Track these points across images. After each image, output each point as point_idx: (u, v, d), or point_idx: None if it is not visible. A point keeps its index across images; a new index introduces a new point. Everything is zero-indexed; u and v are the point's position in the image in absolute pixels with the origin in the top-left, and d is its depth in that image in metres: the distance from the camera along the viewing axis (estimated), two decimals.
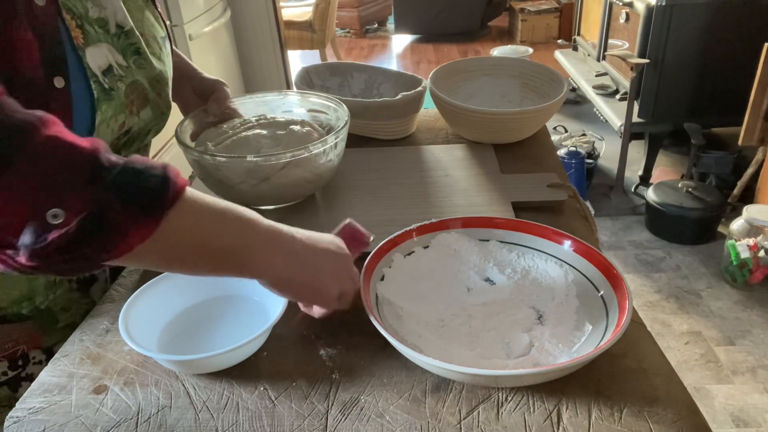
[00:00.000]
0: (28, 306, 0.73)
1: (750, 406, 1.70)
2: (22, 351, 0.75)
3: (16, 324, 0.73)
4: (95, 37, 0.67)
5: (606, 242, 2.47)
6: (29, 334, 0.75)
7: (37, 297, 0.74)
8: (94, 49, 0.67)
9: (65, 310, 0.77)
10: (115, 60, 0.70)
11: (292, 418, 0.56)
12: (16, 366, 0.75)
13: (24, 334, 0.74)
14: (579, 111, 3.67)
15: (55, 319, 0.76)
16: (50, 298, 0.75)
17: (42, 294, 0.74)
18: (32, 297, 0.73)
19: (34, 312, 0.74)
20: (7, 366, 0.74)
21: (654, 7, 2.43)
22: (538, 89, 1.13)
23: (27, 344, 0.75)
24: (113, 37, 0.70)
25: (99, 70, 0.67)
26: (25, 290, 0.72)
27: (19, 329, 0.74)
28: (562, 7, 5.03)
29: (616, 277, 0.63)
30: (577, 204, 0.89)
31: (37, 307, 0.74)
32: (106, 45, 0.68)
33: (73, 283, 0.77)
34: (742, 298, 2.12)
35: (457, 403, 0.57)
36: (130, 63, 0.72)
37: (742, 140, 2.31)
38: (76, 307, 0.79)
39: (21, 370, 0.75)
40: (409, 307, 0.66)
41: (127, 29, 0.72)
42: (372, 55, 5.28)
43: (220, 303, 0.70)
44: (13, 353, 0.74)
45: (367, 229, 0.67)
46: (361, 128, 1.11)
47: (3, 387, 0.75)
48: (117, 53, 0.70)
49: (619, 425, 0.53)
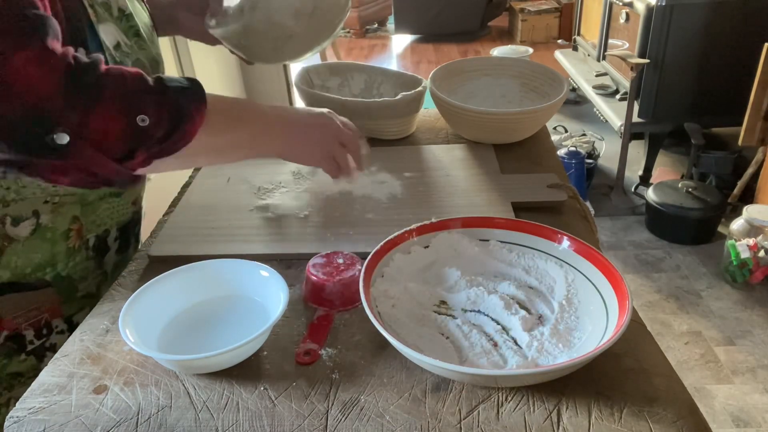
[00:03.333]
0: (51, 272, 0.78)
1: (750, 406, 1.70)
2: (46, 320, 0.79)
3: (39, 291, 0.77)
4: (104, 17, 0.73)
5: (606, 242, 2.47)
6: (51, 302, 0.79)
7: (59, 263, 0.78)
8: (104, 26, 0.73)
9: (83, 279, 0.82)
10: (121, 39, 0.75)
11: (292, 418, 0.56)
12: (41, 335, 0.79)
13: (46, 301, 0.78)
14: (579, 111, 3.67)
15: (74, 288, 0.81)
16: (70, 265, 0.79)
17: (63, 260, 0.78)
18: (54, 263, 0.78)
19: (56, 279, 0.78)
20: (33, 334, 0.78)
21: (654, 7, 2.43)
22: (538, 89, 1.13)
23: (49, 312, 0.79)
24: (117, 19, 0.76)
25: (111, 45, 0.73)
26: (47, 256, 0.77)
27: (42, 296, 0.78)
28: (562, 7, 5.03)
29: (616, 277, 0.63)
30: (577, 204, 0.89)
31: (59, 273, 0.79)
32: (113, 25, 0.74)
33: (89, 251, 0.82)
34: (742, 298, 2.12)
35: (457, 403, 0.57)
36: (132, 43, 0.77)
37: (742, 140, 2.31)
38: (92, 276, 0.83)
39: (45, 339, 0.79)
40: (404, 299, 0.67)
41: (127, 13, 0.78)
42: (372, 55, 5.28)
43: (220, 303, 0.70)
44: (38, 321, 0.78)
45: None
46: (361, 128, 1.10)
47: (30, 357, 0.79)
48: (122, 33, 0.76)
49: (619, 425, 0.53)
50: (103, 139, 0.58)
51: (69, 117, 0.55)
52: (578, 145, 2.85)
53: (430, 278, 0.72)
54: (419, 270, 0.72)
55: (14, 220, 0.73)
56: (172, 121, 0.61)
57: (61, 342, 0.71)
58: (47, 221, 0.75)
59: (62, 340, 0.78)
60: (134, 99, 0.59)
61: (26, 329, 0.78)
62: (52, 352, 0.80)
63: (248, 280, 0.70)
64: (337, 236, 0.82)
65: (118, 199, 0.84)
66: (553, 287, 0.69)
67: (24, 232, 0.74)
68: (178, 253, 0.80)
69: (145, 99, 0.60)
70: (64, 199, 0.76)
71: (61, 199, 0.76)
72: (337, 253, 0.73)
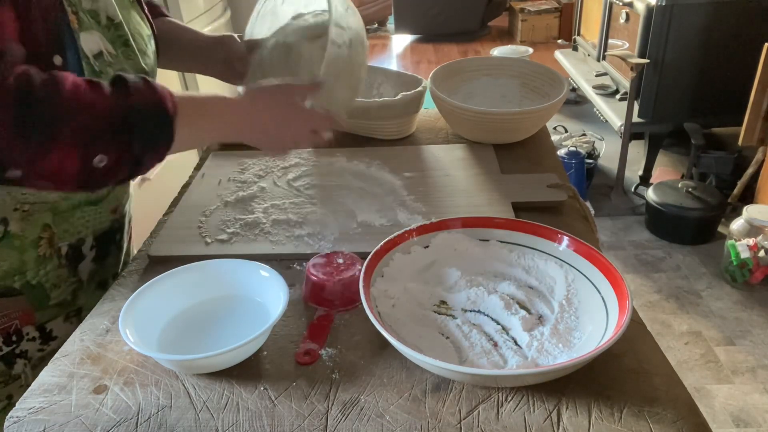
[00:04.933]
0: (20, 280, 0.75)
1: (750, 406, 1.70)
2: (16, 327, 0.77)
3: (9, 299, 0.75)
4: (88, 25, 0.71)
5: (606, 242, 2.47)
6: (22, 310, 0.77)
7: (29, 271, 0.76)
8: (87, 34, 0.70)
9: (56, 287, 0.79)
10: (106, 48, 0.73)
11: (292, 418, 0.56)
12: (11, 342, 0.77)
13: (17, 309, 0.76)
14: (579, 111, 3.67)
15: (46, 296, 0.78)
16: (41, 273, 0.77)
17: (33, 269, 0.76)
18: (24, 271, 0.75)
19: (26, 287, 0.76)
20: (1, 341, 0.76)
21: (654, 7, 2.43)
22: (538, 89, 1.13)
23: (20, 320, 0.77)
24: (104, 27, 0.73)
25: (91, 53, 0.70)
26: (15, 263, 0.74)
27: (12, 304, 0.76)
28: (562, 7, 5.03)
29: (616, 277, 0.63)
30: (577, 204, 0.89)
31: (29, 282, 0.76)
32: (97, 33, 0.72)
33: (62, 259, 0.79)
34: (742, 298, 2.12)
35: (457, 403, 0.57)
36: (119, 53, 0.75)
37: (742, 140, 2.31)
38: (66, 284, 0.80)
39: (15, 346, 0.77)
40: (404, 299, 0.67)
41: (117, 22, 0.75)
42: (372, 55, 5.28)
43: (220, 303, 0.70)
44: (7, 328, 0.76)
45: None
46: (361, 128, 1.11)
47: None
48: (107, 42, 0.73)
49: (619, 425, 0.53)
50: (57, 176, 0.57)
51: (19, 160, 0.55)
52: (578, 145, 2.85)
53: (430, 278, 0.72)
54: (419, 270, 0.72)
55: None
56: (133, 164, 0.61)
57: (32, 349, 0.71)
58: (16, 229, 0.73)
59: (33, 347, 0.78)
60: (93, 138, 0.58)
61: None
62: (22, 359, 0.78)
63: (248, 280, 0.70)
64: (337, 236, 0.82)
65: (94, 207, 0.81)
66: (553, 287, 0.69)
67: None
68: (178, 253, 0.80)
69: (104, 138, 0.58)
70: (34, 208, 0.74)
71: (32, 207, 0.73)
72: (337, 253, 0.73)
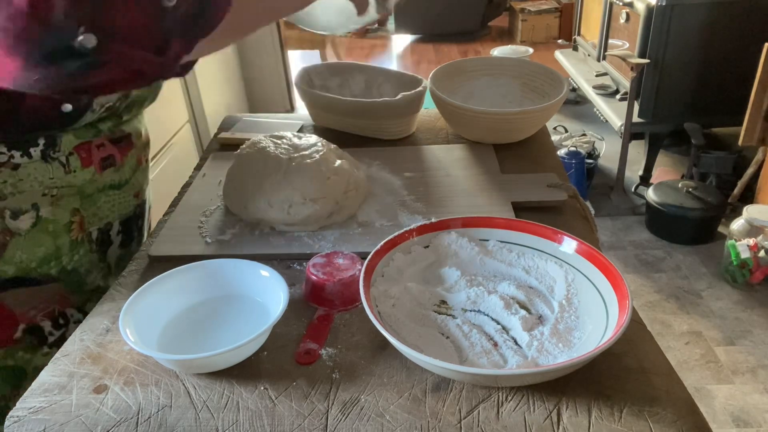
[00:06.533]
0: (56, 266, 0.77)
1: (750, 406, 1.70)
2: (58, 310, 0.79)
3: (46, 286, 0.77)
4: None
5: (606, 242, 2.47)
6: (60, 295, 0.79)
7: (64, 257, 0.78)
8: None
9: (89, 272, 0.82)
10: None
11: (292, 418, 0.56)
12: (59, 325, 0.79)
13: (55, 295, 0.78)
14: (579, 111, 3.68)
15: (81, 281, 0.81)
16: (75, 258, 0.79)
17: (67, 254, 0.78)
18: (59, 257, 0.77)
19: (62, 273, 0.78)
20: (50, 325, 0.78)
21: (654, 7, 2.43)
22: (538, 89, 1.13)
23: (59, 304, 0.79)
24: None
25: None
26: (51, 249, 0.76)
27: (49, 291, 0.78)
28: (562, 7, 5.03)
29: (616, 277, 0.63)
30: (577, 204, 0.89)
31: (64, 267, 0.78)
32: None
33: (92, 244, 0.82)
34: (742, 298, 2.12)
35: (457, 402, 0.57)
36: None
37: (742, 140, 2.31)
38: (97, 270, 0.83)
39: (65, 329, 0.79)
40: (404, 298, 0.67)
41: None
42: (372, 55, 5.28)
43: (220, 303, 0.70)
44: (51, 312, 0.78)
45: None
46: (361, 128, 1.11)
47: (52, 350, 0.78)
48: None
49: (619, 425, 0.53)
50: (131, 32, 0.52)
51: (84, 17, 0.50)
52: (578, 145, 2.86)
53: (430, 278, 0.72)
54: (419, 270, 0.72)
55: (13, 213, 0.73)
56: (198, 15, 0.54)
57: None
58: (47, 213, 0.75)
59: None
60: None
61: (42, 320, 0.78)
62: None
63: (248, 280, 0.70)
64: (337, 236, 0.82)
65: (118, 192, 0.84)
66: (553, 287, 0.69)
67: (24, 225, 0.74)
68: (178, 253, 0.80)
69: None
70: (62, 192, 0.76)
71: (59, 191, 0.76)
72: (337, 253, 0.73)
